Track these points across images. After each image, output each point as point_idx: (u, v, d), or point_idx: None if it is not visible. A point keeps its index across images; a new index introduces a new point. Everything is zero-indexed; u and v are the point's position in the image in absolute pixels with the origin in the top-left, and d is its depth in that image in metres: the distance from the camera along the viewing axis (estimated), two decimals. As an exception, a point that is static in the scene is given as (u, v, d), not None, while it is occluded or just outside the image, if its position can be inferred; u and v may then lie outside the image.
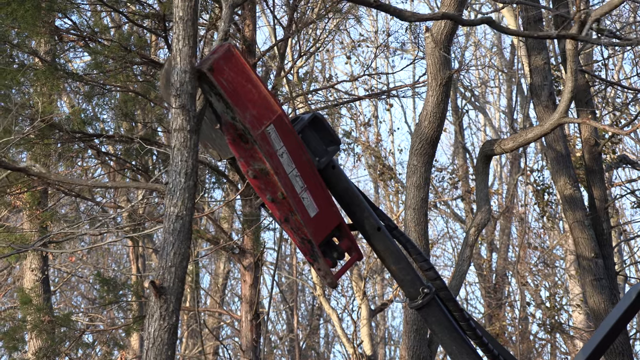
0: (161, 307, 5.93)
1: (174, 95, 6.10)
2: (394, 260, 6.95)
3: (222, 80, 6.23)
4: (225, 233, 15.61)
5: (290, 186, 6.52)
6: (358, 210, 6.85)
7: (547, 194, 20.58)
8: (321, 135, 6.77)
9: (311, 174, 6.62)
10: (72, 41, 14.24)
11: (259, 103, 6.39)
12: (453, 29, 10.80)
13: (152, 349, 5.92)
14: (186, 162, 6.11)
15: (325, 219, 6.70)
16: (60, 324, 15.46)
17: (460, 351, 6.98)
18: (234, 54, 6.31)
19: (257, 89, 6.39)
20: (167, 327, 5.94)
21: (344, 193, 6.83)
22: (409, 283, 6.94)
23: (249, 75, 6.37)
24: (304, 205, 6.59)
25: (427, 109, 10.70)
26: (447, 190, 23.78)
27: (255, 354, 14.93)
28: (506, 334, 21.74)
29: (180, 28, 6.20)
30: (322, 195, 6.68)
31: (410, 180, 10.81)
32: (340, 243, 6.85)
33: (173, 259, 6.01)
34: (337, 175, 6.81)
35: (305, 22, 15.43)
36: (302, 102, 17.40)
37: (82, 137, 14.03)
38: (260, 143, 6.35)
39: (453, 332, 6.98)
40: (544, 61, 13.54)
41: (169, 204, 6.10)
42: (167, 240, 6.03)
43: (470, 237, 11.33)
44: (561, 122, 10.55)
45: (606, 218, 13.98)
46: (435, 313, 6.95)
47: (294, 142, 6.54)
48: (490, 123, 25.93)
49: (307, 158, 6.61)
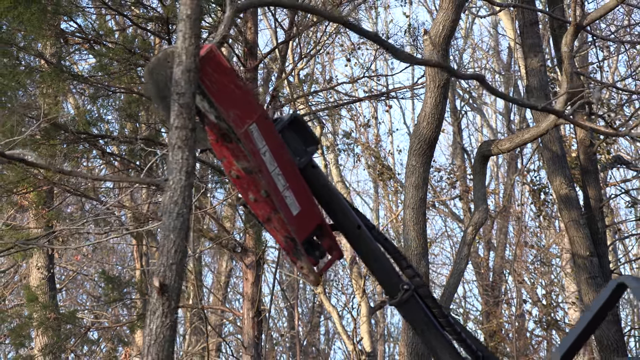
0: (163, 304, 5.88)
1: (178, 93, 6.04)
2: (373, 259, 6.99)
3: (205, 80, 6.20)
4: (228, 232, 15.64)
5: (273, 185, 6.52)
6: (338, 209, 6.89)
7: (543, 194, 20.75)
8: (300, 135, 6.79)
9: (293, 173, 6.63)
10: (77, 44, 14.30)
11: (241, 102, 6.40)
12: (451, 32, 10.73)
13: (154, 345, 5.86)
14: (187, 160, 6.02)
15: (307, 218, 6.71)
16: (66, 321, 15.51)
17: (439, 347, 7.04)
18: (216, 55, 6.27)
19: (240, 89, 6.38)
20: (169, 324, 5.89)
21: (323, 192, 6.86)
22: (388, 280, 7.00)
23: (231, 75, 6.35)
24: (286, 204, 6.60)
25: (425, 110, 10.71)
26: (445, 190, 23.89)
27: (256, 351, 14.96)
28: (503, 331, 21.86)
29: (187, 26, 6.10)
30: (304, 194, 6.70)
31: (409, 180, 10.82)
32: (322, 242, 6.86)
33: (174, 256, 5.96)
34: (316, 174, 6.84)
35: (306, 25, 15.46)
36: (303, 104, 17.56)
37: (87, 137, 13.98)
38: (243, 141, 6.33)
39: (432, 328, 7.02)
40: (540, 63, 13.58)
41: (169, 202, 6.03)
42: (168, 237, 5.97)
43: (468, 236, 11.37)
44: (557, 123, 10.65)
45: (601, 217, 14.06)
46: (414, 309, 6.99)
47: (275, 142, 6.54)
48: (488, 124, 26.07)
49: (289, 157, 6.61)
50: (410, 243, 10.69)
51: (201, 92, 6.23)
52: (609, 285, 6.99)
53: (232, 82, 6.35)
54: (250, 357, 14.98)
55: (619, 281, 6.93)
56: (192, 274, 21.48)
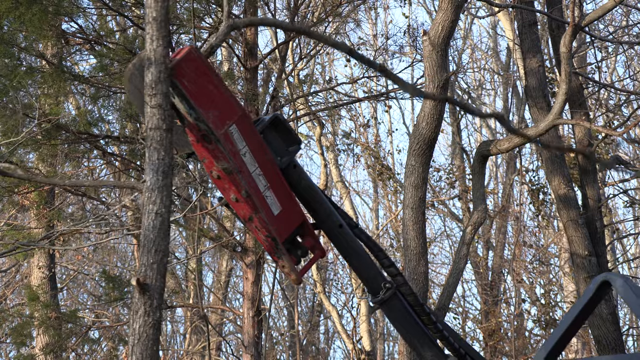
0: (145, 303, 5.90)
1: (150, 94, 6.03)
2: (355, 257, 7.04)
3: (185, 82, 6.24)
4: (228, 232, 15.69)
5: (253, 185, 6.55)
6: (320, 208, 6.94)
7: (542, 194, 20.81)
8: (282, 135, 6.82)
9: (273, 173, 6.66)
10: (78, 44, 14.36)
11: (221, 103, 6.40)
12: (450, 33, 10.81)
13: (138, 344, 5.89)
14: (163, 160, 6.03)
15: (288, 217, 6.74)
16: (67, 320, 15.53)
17: (421, 344, 7.10)
18: (196, 56, 6.32)
19: (219, 90, 6.40)
20: (152, 323, 5.91)
21: (305, 192, 6.90)
22: (371, 279, 7.05)
23: (211, 76, 6.38)
24: (267, 204, 6.63)
25: (424, 111, 10.74)
26: (444, 189, 23.96)
27: (257, 350, 14.99)
28: (502, 330, 21.93)
29: (154, 28, 6.10)
30: (285, 193, 6.73)
31: (408, 180, 10.84)
32: (304, 241, 6.91)
33: (154, 255, 5.98)
34: (298, 174, 6.87)
35: (306, 25, 15.58)
36: (303, 104, 17.62)
37: (88, 137, 14.01)
38: (223, 142, 6.38)
39: (414, 325, 7.08)
40: (538, 64, 13.63)
41: (147, 202, 6.05)
42: (148, 237, 5.99)
43: (467, 236, 11.40)
44: (556, 123, 10.66)
45: (599, 217, 14.10)
46: (397, 307, 7.05)
47: (256, 142, 6.57)
48: (487, 124, 26.15)
49: (269, 157, 6.65)
50: (409, 242, 10.73)
51: (180, 93, 6.27)
52: (593, 283, 7.04)
53: (211, 83, 6.38)
54: (250, 356, 15.01)
55: (603, 279, 6.98)
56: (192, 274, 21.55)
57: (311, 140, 22.52)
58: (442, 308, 11.53)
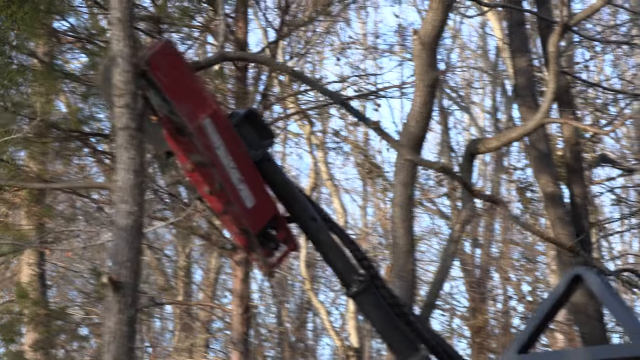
0: (119, 301, 5.95)
1: (118, 95, 6.09)
2: (329, 250, 7.08)
3: (159, 75, 6.27)
4: (217, 229, 15.76)
5: (227, 178, 6.57)
6: (294, 201, 6.97)
7: (530, 192, 20.96)
8: (256, 129, 6.85)
9: (247, 166, 6.69)
10: (69, 42, 14.38)
11: (195, 97, 6.44)
12: (440, 32, 10.85)
13: (113, 342, 5.95)
14: (134, 160, 6.11)
15: (262, 210, 6.77)
16: (56, 317, 15.53)
17: (392, 335, 7.12)
18: (170, 50, 6.38)
19: (193, 84, 6.45)
20: (126, 320, 5.97)
21: (279, 185, 6.94)
22: (344, 271, 7.09)
23: (185, 70, 6.42)
24: (241, 197, 6.64)
25: (414, 109, 10.75)
26: (433, 188, 24.06)
27: (245, 347, 14.99)
28: (489, 327, 22.06)
29: (118, 29, 6.16)
30: (259, 187, 6.76)
31: (397, 178, 10.86)
32: (277, 234, 6.93)
33: (128, 253, 6.03)
34: (272, 167, 6.92)
35: (296, 24, 15.62)
36: (293, 102, 17.68)
37: (79, 136, 14.07)
38: (196, 136, 6.40)
39: (386, 317, 7.10)
40: (527, 63, 13.74)
41: (119, 201, 6.10)
42: (121, 235, 6.04)
43: (455, 233, 11.51)
44: (544, 122, 10.74)
45: (586, 215, 14.25)
46: (370, 300, 7.06)
47: (230, 136, 6.60)
48: (475, 123, 26.18)
49: (243, 151, 6.68)
50: (398, 240, 10.77)
51: (154, 86, 6.30)
52: (565, 276, 7.16)
53: (185, 77, 6.43)
54: (238, 353, 15.04)
55: (575, 273, 7.12)
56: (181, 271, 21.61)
57: (301, 138, 22.59)
58: (429, 305, 11.62)
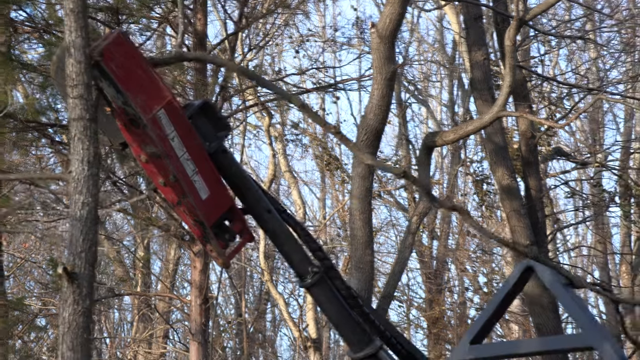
0: (74, 292, 5.94)
1: (71, 85, 6.08)
2: (284, 241, 7.12)
3: (112, 66, 6.26)
4: (176, 220, 15.75)
5: (181, 169, 6.59)
6: (249, 193, 7.00)
7: (486, 184, 21.18)
8: (211, 121, 6.87)
9: (202, 157, 6.71)
10: (27, 33, 14.31)
11: (149, 88, 6.43)
12: (398, 25, 10.86)
13: (68, 333, 5.94)
14: (88, 150, 6.10)
15: (217, 202, 6.80)
16: (14, 307, 15.49)
17: (346, 326, 7.21)
18: (124, 41, 6.35)
19: (147, 75, 6.43)
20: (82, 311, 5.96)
21: (234, 177, 6.96)
22: (298, 263, 7.14)
23: (139, 61, 6.40)
24: (195, 188, 6.67)
25: (372, 102, 10.81)
26: (390, 180, 24.20)
27: (204, 337, 15.02)
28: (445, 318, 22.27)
29: (71, 20, 6.13)
30: (214, 178, 6.78)
31: (355, 171, 10.95)
32: (232, 225, 6.97)
33: (82, 244, 6.03)
34: (227, 159, 6.94)
35: (255, 16, 15.62)
36: (252, 94, 17.71)
37: (37, 126, 14.03)
38: (151, 127, 6.42)
39: (341, 309, 7.17)
40: (483, 57, 13.84)
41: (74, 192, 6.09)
42: (75, 227, 6.04)
43: (412, 225, 11.53)
44: (500, 115, 10.79)
45: (541, 207, 14.43)
46: (324, 291, 7.13)
47: (184, 127, 6.61)
48: (433, 116, 26.37)
49: (198, 142, 6.69)
50: (356, 232, 10.84)
51: (108, 77, 6.29)
52: (517, 268, 7.35)
53: (139, 68, 6.42)
54: (197, 343, 15.07)
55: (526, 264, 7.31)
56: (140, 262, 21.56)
57: (260, 130, 22.63)
58: (387, 296, 11.72)
